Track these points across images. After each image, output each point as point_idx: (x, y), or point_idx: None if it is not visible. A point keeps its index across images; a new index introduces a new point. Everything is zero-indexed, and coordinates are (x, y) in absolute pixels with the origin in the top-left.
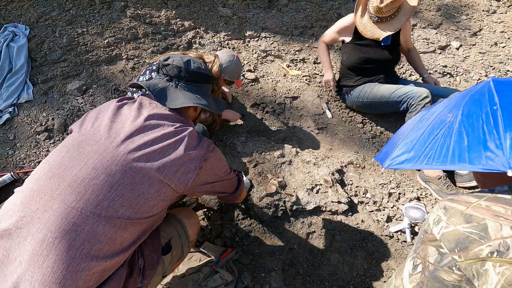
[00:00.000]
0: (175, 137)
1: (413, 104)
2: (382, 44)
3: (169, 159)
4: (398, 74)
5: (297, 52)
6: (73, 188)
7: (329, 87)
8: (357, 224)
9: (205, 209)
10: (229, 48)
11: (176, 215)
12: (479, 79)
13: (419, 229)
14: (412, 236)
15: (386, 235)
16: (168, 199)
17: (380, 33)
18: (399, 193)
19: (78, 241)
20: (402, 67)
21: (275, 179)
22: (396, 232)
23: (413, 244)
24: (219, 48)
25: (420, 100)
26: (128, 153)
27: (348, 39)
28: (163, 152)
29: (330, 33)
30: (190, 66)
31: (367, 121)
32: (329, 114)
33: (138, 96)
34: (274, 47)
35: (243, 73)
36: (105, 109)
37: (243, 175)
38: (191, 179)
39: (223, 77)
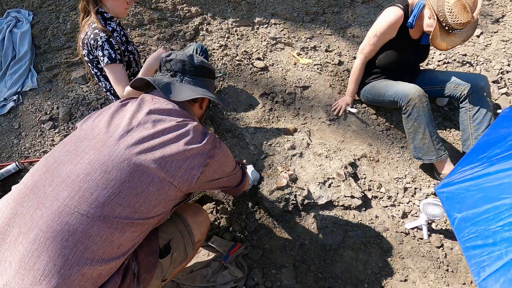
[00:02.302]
0: (178, 131)
1: (403, 106)
2: (421, 43)
3: (170, 154)
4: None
5: (308, 40)
6: (67, 184)
7: (338, 110)
8: (371, 219)
9: (213, 202)
10: (238, 35)
11: (179, 213)
12: (500, 69)
13: (436, 226)
14: (429, 233)
15: (401, 232)
16: (171, 199)
17: (455, 42)
18: (415, 188)
19: (71, 242)
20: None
21: (285, 172)
22: (412, 229)
23: (430, 242)
24: (226, 36)
25: (408, 102)
26: (127, 148)
27: (391, 37)
28: (164, 146)
29: (372, 42)
30: (194, 60)
31: (381, 112)
32: (354, 110)
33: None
34: (284, 34)
35: (252, 61)
36: (109, 107)
37: (246, 167)
38: (196, 176)
39: None
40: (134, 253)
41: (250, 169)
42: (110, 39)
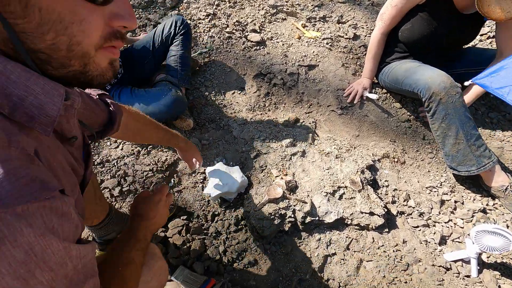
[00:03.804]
0: None
1: (425, 101)
2: (464, 12)
3: None
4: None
5: (316, 8)
6: None
7: (353, 96)
8: (397, 245)
9: (185, 217)
10: (229, 2)
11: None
12: None
13: (487, 258)
14: (478, 268)
15: (440, 266)
16: None
17: None
18: (455, 202)
19: None
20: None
21: (282, 178)
22: (455, 261)
23: (481, 282)
24: (216, 3)
25: (430, 97)
26: None
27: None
28: None
29: (394, 3)
30: None
31: (407, 98)
32: (373, 96)
33: None
34: (286, 2)
35: (246, 34)
36: None
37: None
38: None
39: None
40: None
41: (235, 172)
42: None
